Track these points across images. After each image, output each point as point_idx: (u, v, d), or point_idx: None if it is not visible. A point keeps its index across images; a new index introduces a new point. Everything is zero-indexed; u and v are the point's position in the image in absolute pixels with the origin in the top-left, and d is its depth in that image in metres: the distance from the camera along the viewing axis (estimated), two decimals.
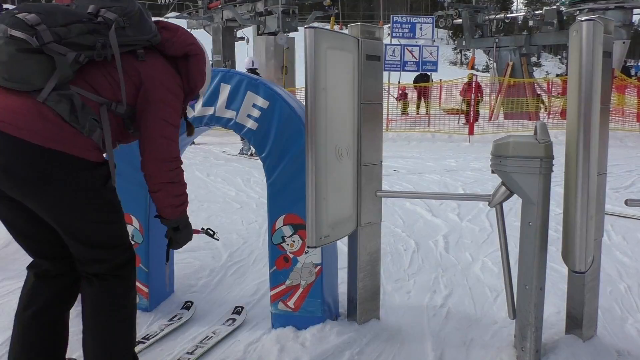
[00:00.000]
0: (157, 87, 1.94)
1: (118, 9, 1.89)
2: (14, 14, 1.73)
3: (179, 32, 2.06)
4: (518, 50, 16.89)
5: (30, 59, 1.70)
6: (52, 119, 1.73)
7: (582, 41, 1.92)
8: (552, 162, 2.23)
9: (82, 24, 1.80)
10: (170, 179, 1.99)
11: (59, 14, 1.79)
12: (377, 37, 2.55)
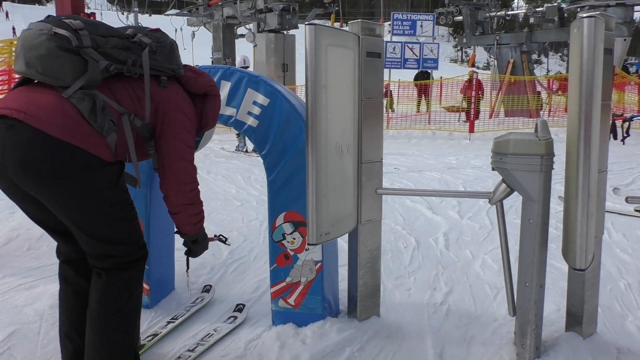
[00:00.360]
0: (176, 111, 2.08)
1: (153, 37, 2.09)
2: (60, 19, 1.88)
3: (204, 74, 2.26)
4: (519, 47, 16.87)
5: (66, 57, 1.83)
6: (72, 115, 1.82)
7: (583, 38, 1.92)
8: (553, 160, 2.23)
9: (119, 39, 1.97)
10: (189, 200, 2.13)
11: (101, 26, 1.96)
12: (378, 34, 2.55)
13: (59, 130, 1.79)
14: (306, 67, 2.18)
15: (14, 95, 1.88)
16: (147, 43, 2.04)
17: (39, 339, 2.63)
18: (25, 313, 2.87)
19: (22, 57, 1.86)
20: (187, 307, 3.02)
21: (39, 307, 2.93)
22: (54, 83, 1.84)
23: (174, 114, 2.07)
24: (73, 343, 2.14)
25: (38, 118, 1.78)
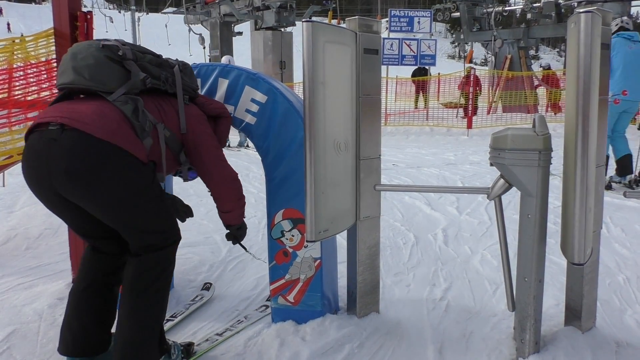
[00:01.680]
0: (202, 124, 2.32)
1: (174, 61, 2.35)
2: (100, 41, 2.10)
3: (213, 100, 2.53)
4: (516, 43, 16.87)
5: (112, 66, 2.04)
6: (112, 117, 1.98)
7: (580, 33, 1.92)
8: (551, 155, 2.23)
9: (153, 57, 2.22)
10: (239, 194, 2.43)
11: (136, 46, 2.18)
12: (375, 31, 2.54)
13: (101, 130, 1.92)
14: (304, 64, 2.17)
15: (54, 107, 2.03)
16: (175, 63, 2.31)
17: (38, 338, 2.63)
18: (24, 312, 2.87)
19: (70, 68, 2.02)
20: (187, 304, 3.02)
21: (38, 306, 2.92)
22: (100, 89, 2.02)
23: (202, 127, 2.30)
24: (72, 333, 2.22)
25: (80, 121, 1.92)
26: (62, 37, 2.99)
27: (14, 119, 3.44)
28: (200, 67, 2.75)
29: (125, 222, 2.08)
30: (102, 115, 1.96)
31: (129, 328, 2.09)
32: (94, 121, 1.93)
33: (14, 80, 3.64)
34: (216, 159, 2.33)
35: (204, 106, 2.41)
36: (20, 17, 40.79)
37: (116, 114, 1.99)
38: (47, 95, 3.35)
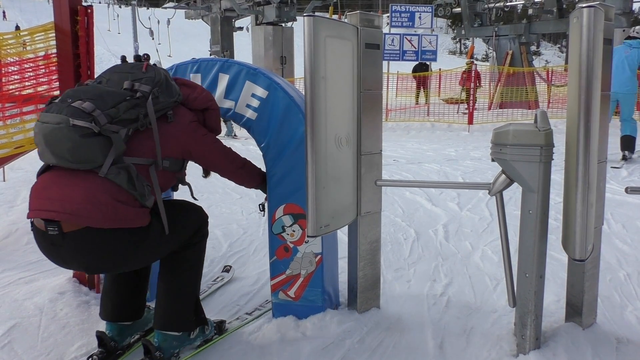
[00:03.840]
0: (196, 132, 2.27)
1: (149, 80, 2.13)
2: (69, 104, 1.96)
3: (198, 88, 2.38)
4: (517, 39, 16.82)
5: (92, 142, 1.94)
6: (105, 201, 1.96)
7: (582, 28, 1.90)
8: (553, 150, 2.22)
9: (127, 102, 2.04)
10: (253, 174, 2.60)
11: (107, 97, 2.02)
12: (377, 25, 2.53)
13: (99, 221, 1.95)
14: (305, 58, 2.16)
15: (46, 192, 2.00)
16: (149, 91, 2.11)
17: (39, 332, 2.63)
18: (25, 307, 2.88)
19: (48, 152, 1.97)
20: (209, 284, 3.14)
21: (39, 300, 2.93)
22: (87, 167, 1.98)
23: (196, 135, 2.26)
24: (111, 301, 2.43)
25: (75, 215, 1.93)
26: (62, 32, 2.98)
27: (8, 113, 3.44)
28: (200, 62, 2.75)
29: (151, 261, 2.35)
30: (95, 202, 1.94)
31: (166, 300, 2.32)
32: (89, 212, 1.93)
33: (6, 75, 3.64)
34: (223, 158, 2.41)
35: (189, 102, 2.31)
36: (22, 13, 40.71)
37: (109, 194, 1.97)
38: (44, 90, 3.34)
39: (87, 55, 2.98)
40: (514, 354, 2.41)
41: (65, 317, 2.78)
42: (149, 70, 2.18)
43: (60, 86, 3.05)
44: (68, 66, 2.98)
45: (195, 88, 2.38)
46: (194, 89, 2.36)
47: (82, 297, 2.99)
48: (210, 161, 2.38)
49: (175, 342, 2.34)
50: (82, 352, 2.48)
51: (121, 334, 2.44)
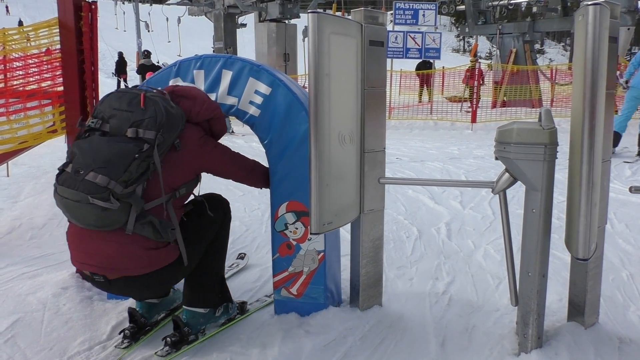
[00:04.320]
0: (206, 152, 2.36)
1: (152, 123, 2.13)
2: (83, 177, 2.02)
3: (197, 99, 2.37)
4: (521, 37, 16.75)
5: (112, 210, 2.05)
6: (138, 254, 2.15)
7: (587, 25, 1.89)
8: (557, 149, 2.21)
9: (137, 161, 2.08)
10: (262, 176, 2.67)
11: (117, 161, 2.05)
12: (381, 23, 2.53)
13: (138, 269, 2.17)
14: (309, 55, 2.16)
15: (84, 246, 2.18)
16: (154, 137, 2.12)
17: (42, 327, 2.64)
18: (29, 302, 2.89)
19: (74, 220, 2.15)
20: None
21: (42, 295, 2.94)
22: (114, 228, 2.11)
23: (205, 150, 2.34)
24: None
25: (117, 269, 2.17)
26: (66, 27, 2.99)
27: (12, 109, 3.45)
28: (204, 59, 2.75)
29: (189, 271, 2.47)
30: (129, 255, 2.14)
31: (193, 280, 2.48)
32: (126, 265, 2.15)
33: (11, 71, 3.65)
34: (233, 165, 2.51)
35: (192, 116, 2.34)
36: (25, 9, 40.74)
37: (140, 245, 2.15)
38: (47, 86, 3.35)
39: (91, 51, 2.99)
40: (515, 353, 2.41)
41: (69, 312, 2.79)
42: (148, 106, 2.15)
43: (64, 82, 3.06)
44: (72, 62, 2.99)
45: (195, 99, 2.36)
46: (194, 100, 2.35)
47: (85, 292, 3.00)
48: (222, 171, 2.49)
49: (202, 319, 2.54)
50: (84, 347, 2.49)
51: (149, 311, 2.65)
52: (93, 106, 3.04)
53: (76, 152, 2.10)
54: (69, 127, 3.09)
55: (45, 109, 3.35)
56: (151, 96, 2.19)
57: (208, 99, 2.45)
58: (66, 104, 3.06)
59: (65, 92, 3.05)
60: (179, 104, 2.31)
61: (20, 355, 2.43)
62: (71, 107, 3.04)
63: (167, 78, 2.80)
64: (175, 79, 2.77)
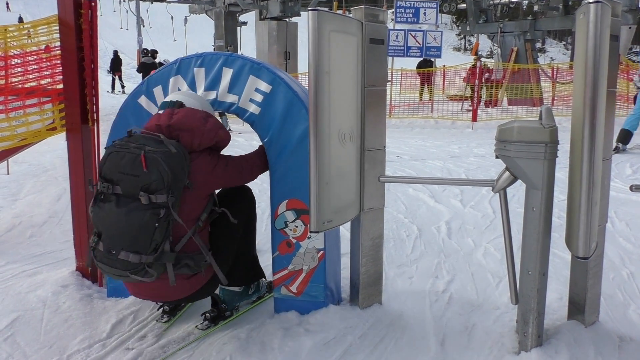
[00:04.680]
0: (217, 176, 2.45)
1: (160, 186, 2.19)
2: (117, 257, 2.19)
3: (195, 131, 2.35)
4: (522, 35, 16.72)
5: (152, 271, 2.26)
6: (185, 285, 2.41)
7: (589, 23, 1.89)
8: (557, 148, 2.21)
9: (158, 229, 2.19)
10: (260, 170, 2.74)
11: (141, 236, 2.18)
12: (381, 20, 2.52)
13: (183, 294, 2.44)
14: (309, 53, 2.15)
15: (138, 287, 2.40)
16: (166, 200, 2.20)
17: (42, 325, 2.64)
18: (28, 299, 2.89)
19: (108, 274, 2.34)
20: None
21: (42, 293, 2.94)
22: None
23: (216, 174, 2.43)
24: None
25: (172, 297, 2.48)
26: (66, 25, 2.98)
27: (11, 106, 3.44)
28: (204, 56, 2.74)
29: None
30: (178, 288, 2.37)
31: (224, 255, 2.56)
32: (177, 295, 2.44)
33: (11, 68, 3.64)
34: (241, 175, 2.61)
35: (193, 146, 2.37)
36: (26, 7, 40.68)
37: (183, 278, 2.36)
38: (47, 83, 3.34)
39: (91, 48, 2.98)
40: (515, 352, 2.40)
41: (68, 310, 2.79)
42: (151, 169, 2.18)
43: (64, 79, 3.05)
44: (71, 59, 2.98)
45: (193, 131, 2.35)
46: (192, 132, 2.35)
47: (85, 291, 3.00)
48: (232, 184, 2.62)
49: (236, 296, 2.83)
50: (84, 345, 2.49)
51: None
52: (93, 104, 3.04)
53: (99, 225, 2.25)
54: (68, 124, 3.08)
55: (44, 107, 3.34)
56: (151, 155, 2.19)
57: (207, 125, 2.39)
58: (66, 102, 3.05)
59: (64, 90, 3.04)
60: (179, 139, 2.33)
61: (19, 353, 2.43)
62: (71, 105, 3.03)
63: (167, 76, 2.79)
64: (175, 76, 2.77)
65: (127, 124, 2.87)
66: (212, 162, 2.41)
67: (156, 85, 2.81)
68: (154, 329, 2.68)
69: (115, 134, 2.89)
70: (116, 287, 3.01)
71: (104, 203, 2.23)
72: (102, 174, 2.27)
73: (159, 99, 2.79)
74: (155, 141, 2.25)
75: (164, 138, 2.27)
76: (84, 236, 3.15)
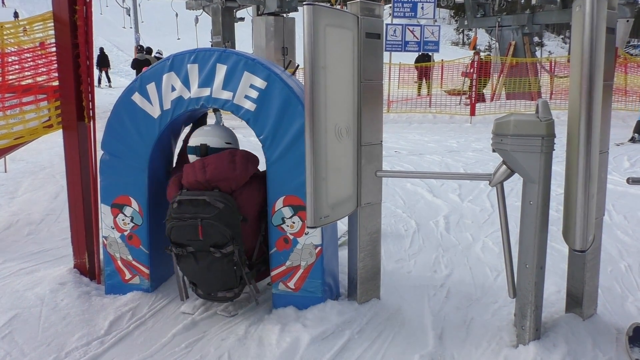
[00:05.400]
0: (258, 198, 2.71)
1: (224, 242, 2.54)
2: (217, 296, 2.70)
3: (230, 180, 2.59)
4: (520, 29, 16.69)
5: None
6: None
7: (585, 16, 1.88)
8: (554, 141, 2.20)
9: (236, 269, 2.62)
10: None
11: (229, 280, 2.64)
12: (377, 15, 2.51)
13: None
14: (304, 47, 2.14)
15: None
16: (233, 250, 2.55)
17: (39, 323, 2.64)
18: (26, 297, 2.88)
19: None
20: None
21: (40, 291, 2.93)
22: None
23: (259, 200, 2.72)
24: None
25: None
26: (61, 21, 2.96)
27: (7, 104, 3.42)
28: (198, 52, 2.73)
29: None
30: None
31: None
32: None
33: (7, 65, 3.63)
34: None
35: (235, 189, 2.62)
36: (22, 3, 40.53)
37: None
38: (43, 80, 3.32)
39: (86, 45, 2.96)
40: (513, 345, 2.41)
41: (66, 307, 2.78)
42: (209, 234, 2.51)
43: (59, 76, 3.03)
44: (67, 56, 2.97)
45: (229, 180, 2.59)
46: (228, 180, 2.59)
47: (82, 288, 3.00)
48: None
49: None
50: (82, 342, 2.49)
51: None
52: (89, 101, 3.02)
53: (190, 277, 2.72)
54: (64, 121, 3.06)
55: (40, 104, 3.32)
56: (207, 222, 2.51)
57: (235, 170, 2.61)
58: (62, 99, 3.04)
59: (60, 87, 3.03)
60: (219, 188, 2.59)
61: (17, 351, 2.43)
62: (66, 102, 3.02)
63: (160, 73, 2.77)
64: (169, 73, 2.75)
65: (122, 122, 2.86)
66: (253, 193, 2.68)
67: (149, 82, 2.80)
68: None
69: (110, 133, 2.88)
70: (114, 284, 3.01)
71: (185, 259, 2.63)
72: (172, 241, 2.63)
73: (152, 96, 2.78)
74: (202, 205, 2.53)
75: (210, 199, 2.53)
76: (81, 234, 3.14)
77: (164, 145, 2.96)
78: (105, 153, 2.92)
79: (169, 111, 2.77)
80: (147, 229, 2.91)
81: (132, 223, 2.91)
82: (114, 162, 2.89)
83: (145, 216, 2.90)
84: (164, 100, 2.77)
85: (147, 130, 2.82)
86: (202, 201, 2.52)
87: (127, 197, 2.90)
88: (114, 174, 2.90)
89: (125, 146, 2.86)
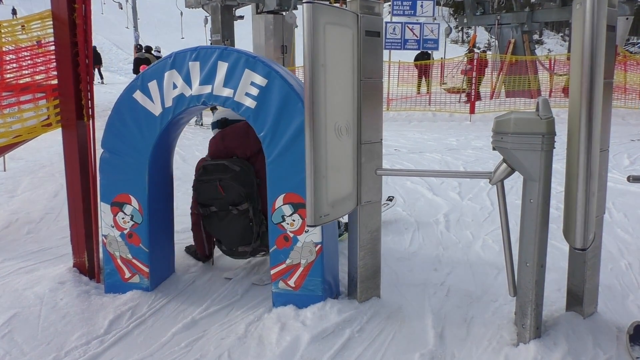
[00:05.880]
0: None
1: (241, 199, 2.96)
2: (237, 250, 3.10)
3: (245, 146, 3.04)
4: (520, 27, 16.68)
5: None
6: None
7: (585, 13, 1.87)
8: (554, 139, 2.20)
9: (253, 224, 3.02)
10: None
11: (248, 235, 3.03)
12: (377, 13, 2.50)
13: None
14: (304, 45, 2.14)
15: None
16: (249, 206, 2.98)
17: (39, 322, 2.64)
18: (26, 296, 2.88)
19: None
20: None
21: (39, 290, 2.93)
22: None
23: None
24: None
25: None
26: (59, 19, 2.95)
27: (5, 102, 3.41)
28: (199, 50, 2.72)
29: None
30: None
31: None
32: None
33: (5, 64, 3.61)
34: None
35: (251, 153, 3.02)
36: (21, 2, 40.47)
37: None
38: (41, 79, 3.31)
39: (85, 43, 2.95)
40: (514, 343, 2.40)
41: (66, 306, 2.78)
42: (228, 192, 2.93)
43: (58, 75, 3.02)
44: (66, 54, 2.96)
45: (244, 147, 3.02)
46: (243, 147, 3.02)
47: (82, 287, 3.00)
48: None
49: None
50: (82, 342, 2.48)
51: None
52: (88, 99, 3.02)
53: (215, 233, 3.15)
54: (63, 120, 3.05)
55: (39, 103, 3.31)
56: (224, 183, 2.92)
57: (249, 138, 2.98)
58: (60, 97, 3.03)
59: (59, 86, 3.02)
60: (236, 155, 3.02)
61: (17, 350, 2.43)
62: (66, 101, 3.01)
63: (162, 70, 2.78)
64: (170, 71, 2.75)
65: (123, 120, 2.85)
66: (261, 156, 2.81)
67: (151, 79, 2.80)
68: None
69: (110, 131, 2.88)
70: (114, 283, 3.00)
71: (210, 218, 3.05)
72: (199, 202, 3.06)
73: (154, 94, 2.78)
74: (221, 169, 2.94)
75: (227, 162, 2.94)
76: (80, 232, 3.13)
77: (164, 143, 2.96)
78: (105, 151, 2.91)
79: (171, 109, 2.77)
80: (147, 227, 2.91)
81: (132, 221, 2.91)
82: (114, 160, 2.89)
83: (145, 214, 2.89)
84: (166, 97, 2.77)
85: (148, 128, 2.82)
86: (222, 165, 2.94)
87: (127, 195, 2.89)
88: (114, 172, 2.90)
89: (126, 144, 2.86)
